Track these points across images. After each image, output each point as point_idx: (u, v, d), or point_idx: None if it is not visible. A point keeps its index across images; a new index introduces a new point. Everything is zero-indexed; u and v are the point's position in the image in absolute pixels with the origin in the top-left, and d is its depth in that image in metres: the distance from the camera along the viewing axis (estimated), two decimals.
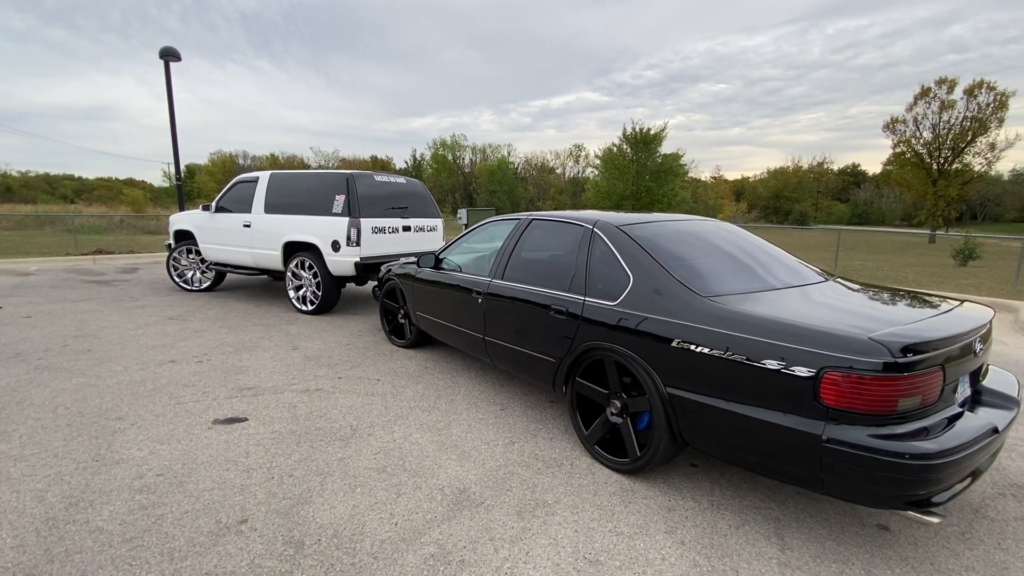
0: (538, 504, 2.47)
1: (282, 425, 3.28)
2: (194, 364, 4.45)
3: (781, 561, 2.10)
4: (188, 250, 7.96)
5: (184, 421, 3.30)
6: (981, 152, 28.33)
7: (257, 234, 6.86)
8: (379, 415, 3.47)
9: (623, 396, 2.72)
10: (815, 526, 2.34)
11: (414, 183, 7.37)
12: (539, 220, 3.60)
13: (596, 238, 3.01)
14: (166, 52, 10.30)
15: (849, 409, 1.90)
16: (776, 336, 2.07)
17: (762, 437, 2.12)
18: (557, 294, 3.07)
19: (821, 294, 2.64)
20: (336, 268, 6.23)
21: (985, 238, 17.72)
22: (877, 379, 1.87)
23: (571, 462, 2.88)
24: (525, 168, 62.37)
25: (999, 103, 26.86)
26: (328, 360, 4.64)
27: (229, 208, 7.29)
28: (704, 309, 2.36)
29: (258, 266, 7.11)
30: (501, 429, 3.30)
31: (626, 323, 2.62)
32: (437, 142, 61.03)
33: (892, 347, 1.88)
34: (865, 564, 2.09)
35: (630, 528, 2.29)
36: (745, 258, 3.02)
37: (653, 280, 2.62)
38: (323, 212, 6.29)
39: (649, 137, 28.94)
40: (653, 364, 2.48)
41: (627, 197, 28.57)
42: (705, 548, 2.17)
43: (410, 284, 4.69)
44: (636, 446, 2.64)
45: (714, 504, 2.50)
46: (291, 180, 6.83)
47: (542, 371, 3.20)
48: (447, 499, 2.50)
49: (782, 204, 71.64)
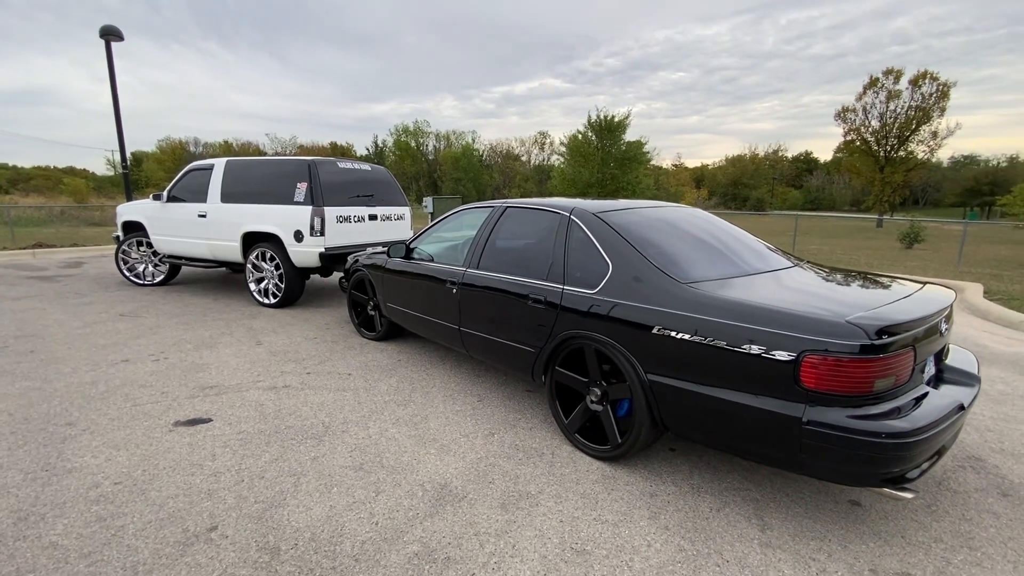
0: (521, 495, 2.44)
1: (249, 425, 3.13)
2: (150, 363, 4.21)
3: (762, 541, 2.14)
4: (139, 242, 7.52)
5: (142, 424, 3.11)
6: (924, 140, 29.84)
7: (214, 225, 6.53)
8: (352, 411, 3.36)
9: (603, 384, 2.71)
10: (792, 505, 2.40)
11: (379, 170, 7.16)
12: (514, 208, 3.53)
13: (573, 225, 2.97)
14: (107, 31, 9.61)
15: (828, 391, 1.94)
16: (756, 321, 2.09)
17: (743, 421, 2.14)
18: (535, 283, 3.03)
19: (793, 279, 2.69)
20: (299, 259, 6.00)
21: (928, 222, 18.71)
22: (854, 361, 1.91)
23: (552, 451, 2.87)
24: (490, 155, 61.91)
25: (941, 93, 28.29)
26: (295, 355, 4.47)
27: (182, 197, 6.90)
28: (683, 296, 2.36)
29: (216, 258, 6.78)
30: (480, 420, 3.25)
31: (605, 311, 2.60)
32: (400, 128, 59.90)
33: (868, 329, 1.92)
34: (840, 540, 2.16)
35: (614, 516, 2.29)
36: (717, 244, 3.04)
37: (632, 267, 2.61)
38: (284, 201, 6.03)
39: (614, 124, 29.14)
40: (633, 351, 2.47)
41: (593, 184, 28.76)
42: (688, 532, 2.19)
43: (380, 275, 4.55)
44: (617, 433, 2.64)
45: (694, 488, 2.53)
46: (248, 167, 6.52)
47: (520, 361, 3.16)
48: (428, 495, 2.43)
49: (740, 191, 73.93)
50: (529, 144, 64.43)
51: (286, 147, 67.04)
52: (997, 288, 7.74)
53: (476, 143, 60.47)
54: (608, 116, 29.15)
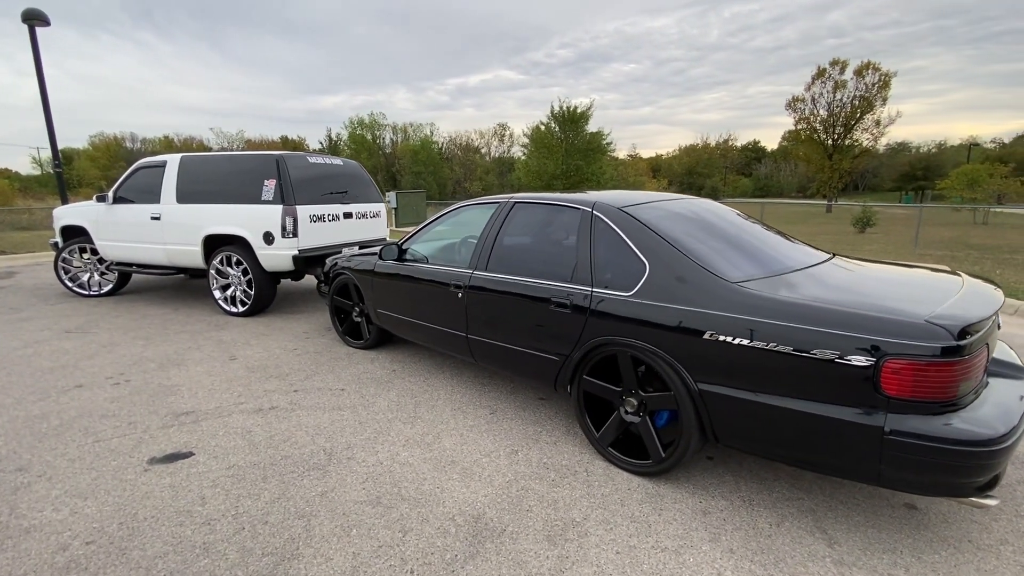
0: (566, 524, 2.20)
1: (239, 457, 2.76)
2: (109, 388, 3.71)
3: (835, 559, 1.99)
4: (81, 248, 6.78)
5: (110, 464, 2.68)
6: (868, 128, 31.30)
7: (170, 227, 5.94)
8: (354, 433, 3.03)
9: (640, 393, 2.50)
10: (850, 513, 2.27)
11: (351, 164, 6.72)
12: (523, 203, 3.26)
13: (598, 221, 2.74)
14: (31, 15, 8.62)
15: (911, 398, 1.79)
16: (827, 324, 1.92)
17: (810, 432, 1.98)
18: (557, 286, 2.78)
19: (839, 275, 2.54)
20: (270, 263, 5.52)
21: (879, 207, 19.62)
22: (936, 364, 1.76)
23: (585, 468, 2.64)
24: (449, 148, 60.92)
25: (883, 83, 29.72)
26: (276, 370, 4.07)
27: (131, 199, 6.25)
28: (736, 298, 2.17)
29: (174, 264, 6.18)
30: (498, 436, 2.99)
31: (645, 315, 2.38)
32: (355, 121, 57.92)
33: (952, 329, 1.77)
34: (912, 550, 2.03)
35: (673, 542, 2.09)
36: (747, 238, 2.88)
37: (673, 267, 2.40)
38: (250, 200, 5.52)
39: (576, 115, 29.11)
40: (680, 359, 2.27)
41: (557, 176, 28.66)
42: (755, 554, 2.02)
43: (368, 279, 4.19)
44: (660, 446, 2.44)
45: (745, 501, 2.37)
46: (207, 164, 5.95)
47: (541, 370, 2.91)
48: (463, 531, 2.16)
49: (695, 180, 75.91)
50: (489, 136, 63.76)
51: (233, 142, 63.87)
52: (962, 270, 8.06)
53: (435, 136, 59.42)
54: (571, 107, 29.13)
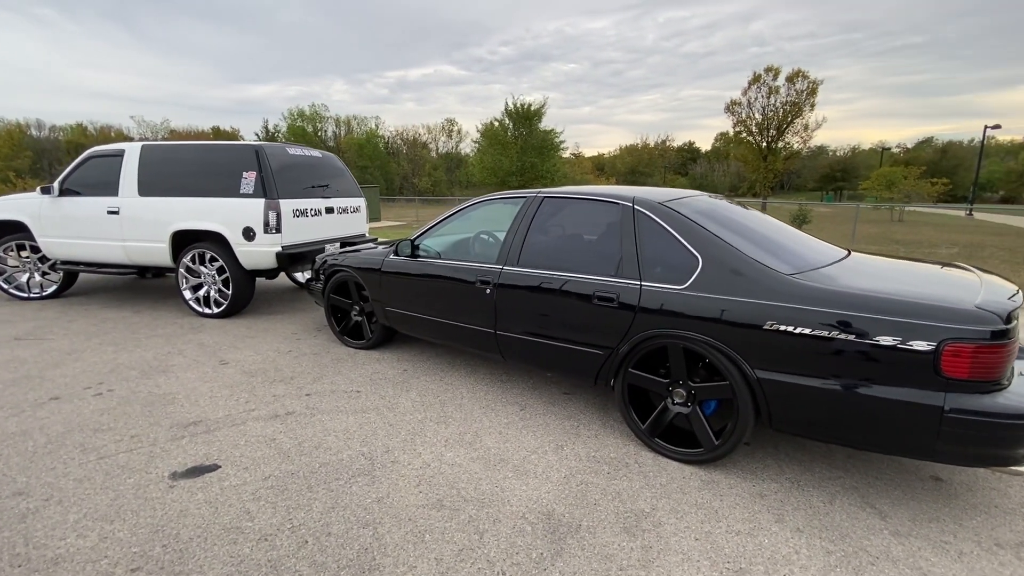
0: (638, 516, 2.23)
1: (272, 467, 2.58)
2: (91, 399, 3.36)
3: (891, 531, 2.13)
4: (19, 246, 6.08)
5: (127, 482, 2.43)
6: (798, 132, 33.56)
7: (130, 223, 5.44)
8: (388, 436, 2.91)
9: (690, 384, 2.57)
10: (888, 488, 2.44)
11: (330, 156, 6.43)
12: (553, 198, 3.25)
13: (642, 217, 2.77)
14: None
15: (967, 378, 1.95)
16: (888, 312, 2.05)
17: (871, 414, 2.11)
18: (602, 280, 2.79)
19: (869, 269, 2.71)
20: (251, 260, 5.19)
21: (811, 206, 21.12)
22: (987, 347, 1.93)
23: (635, 460, 2.68)
24: (395, 142, 59.57)
25: (811, 90, 31.96)
26: (278, 374, 3.84)
27: (80, 191, 5.67)
28: (795, 290, 2.27)
29: (133, 263, 5.67)
30: (537, 432, 2.97)
31: (700, 308, 2.45)
32: (294, 112, 55.37)
33: (1001, 314, 1.95)
34: (954, 518, 2.22)
35: (743, 525, 2.17)
36: (773, 234, 3.01)
37: (727, 261, 2.47)
38: (226, 193, 5.15)
39: (530, 112, 29.28)
40: (738, 349, 2.35)
41: (513, 173, 28.73)
42: (821, 531, 2.13)
43: (375, 277, 4.03)
44: (711, 434, 2.52)
45: (793, 482, 2.49)
46: (174, 154, 5.50)
47: (583, 364, 2.92)
48: (539, 529, 2.14)
49: (638, 178, 78.46)
50: (437, 131, 62.93)
51: (156, 131, 59.50)
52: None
53: (380, 130, 57.93)
54: (525, 104, 29.27)
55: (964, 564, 1.95)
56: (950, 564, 1.95)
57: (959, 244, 13.30)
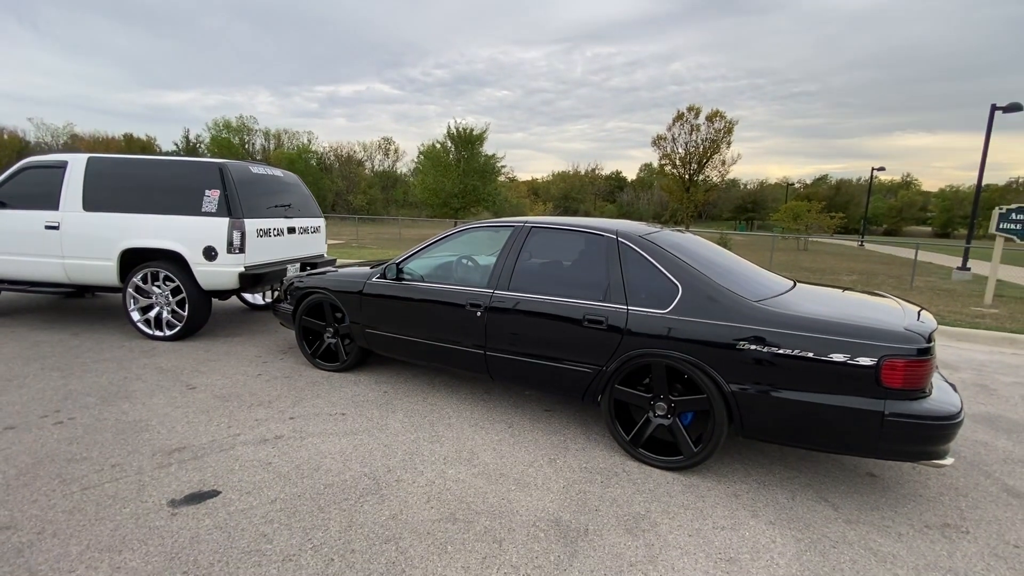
0: (636, 518, 2.47)
1: (276, 490, 2.58)
2: (52, 428, 3.14)
3: (844, 519, 2.52)
4: None
5: (123, 512, 2.34)
6: (716, 167, 36.63)
7: (72, 239, 5.09)
8: (386, 456, 2.98)
9: (671, 397, 2.88)
10: (836, 484, 2.85)
11: (291, 176, 6.39)
12: (540, 228, 3.51)
13: (625, 248, 3.09)
14: None
15: (900, 388, 2.39)
16: (839, 333, 2.47)
17: (827, 419, 2.50)
18: (589, 304, 3.07)
19: (816, 296, 3.18)
20: (210, 281, 5.02)
21: (730, 235, 23.09)
22: (915, 362, 2.38)
23: (623, 469, 2.94)
24: (328, 158, 58.08)
25: (727, 128, 35.13)
26: (254, 398, 3.75)
27: (10, 203, 5.24)
28: (761, 314, 2.66)
29: (72, 282, 5.28)
30: (529, 448, 3.15)
31: (682, 329, 2.78)
32: (219, 123, 52.74)
33: (924, 335, 2.42)
34: (891, 506, 2.65)
35: (726, 521, 2.47)
36: (733, 265, 3.44)
37: (703, 288, 2.83)
38: (185, 211, 4.98)
39: (472, 137, 29.83)
40: (714, 365, 2.69)
41: (455, 195, 29.00)
42: (788, 522, 2.47)
43: (355, 298, 4.07)
44: (691, 443, 2.83)
45: (759, 483, 2.84)
46: (125, 168, 5.23)
47: (572, 382, 3.16)
48: (551, 535, 2.32)
49: (570, 203, 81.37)
50: (373, 149, 62.05)
51: (59, 136, 54.15)
52: None
53: (313, 145, 56.33)
54: (467, 129, 29.77)
55: (904, 543, 2.35)
56: (893, 543, 2.35)
57: (856, 272, 15.06)
